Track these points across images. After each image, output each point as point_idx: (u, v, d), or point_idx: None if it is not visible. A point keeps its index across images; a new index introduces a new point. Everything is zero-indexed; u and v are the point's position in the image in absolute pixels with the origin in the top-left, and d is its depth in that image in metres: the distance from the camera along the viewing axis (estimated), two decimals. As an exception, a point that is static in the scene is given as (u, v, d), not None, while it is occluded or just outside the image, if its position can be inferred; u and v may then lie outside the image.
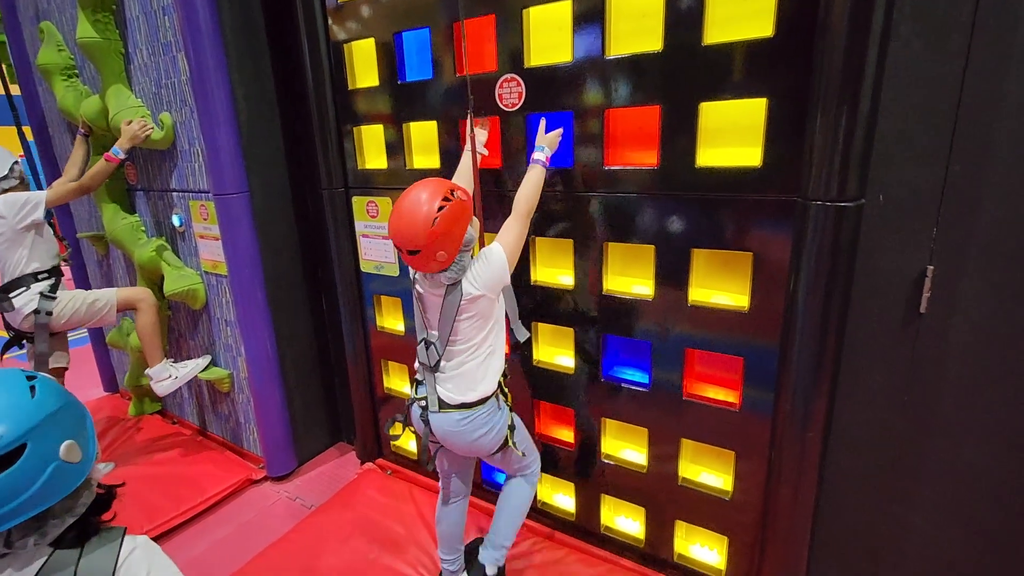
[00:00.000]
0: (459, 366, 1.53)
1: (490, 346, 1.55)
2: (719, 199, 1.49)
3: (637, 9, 1.53)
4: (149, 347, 2.55)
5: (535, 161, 1.58)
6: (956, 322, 1.32)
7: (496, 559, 1.75)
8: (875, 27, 1.18)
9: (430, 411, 1.57)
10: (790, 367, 1.45)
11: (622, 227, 1.67)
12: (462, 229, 1.41)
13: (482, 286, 1.45)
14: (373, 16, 1.99)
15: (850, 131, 1.24)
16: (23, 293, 2.28)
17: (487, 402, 1.55)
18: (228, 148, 2.22)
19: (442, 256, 1.39)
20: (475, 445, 1.58)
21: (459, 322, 1.48)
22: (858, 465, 1.52)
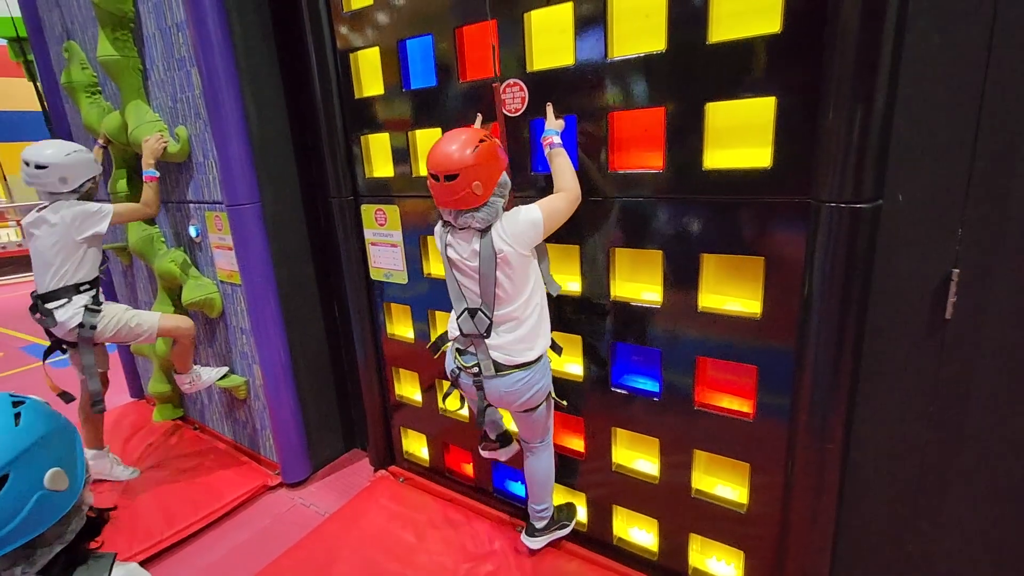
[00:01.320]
0: (515, 327, 1.55)
1: (538, 303, 1.58)
2: (728, 202, 1.43)
3: (639, 9, 1.49)
4: (180, 361, 2.60)
5: (556, 146, 1.57)
6: (985, 328, 1.24)
7: (541, 517, 1.87)
8: (889, 19, 1.12)
9: (484, 376, 1.59)
10: (806, 376, 1.38)
11: (629, 232, 1.62)
12: (497, 170, 1.48)
13: (511, 239, 1.48)
14: (378, 25, 2.00)
15: (865, 129, 1.18)
16: (66, 306, 2.24)
17: (542, 359, 1.60)
18: (240, 160, 2.26)
19: (478, 188, 1.43)
20: (527, 401, 1.63)
21: (500, 281, 1.51)
22: (882, 479, 1.44)
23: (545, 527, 1.88)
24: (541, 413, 1.70)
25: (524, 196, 1.75)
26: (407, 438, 2.59)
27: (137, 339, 2.42)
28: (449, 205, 1.48)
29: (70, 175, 2.23)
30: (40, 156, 2.19)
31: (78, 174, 2.26)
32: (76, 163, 2.25)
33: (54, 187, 2.21)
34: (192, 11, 2.10)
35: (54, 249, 2.21)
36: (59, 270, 2.23)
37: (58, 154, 2.21)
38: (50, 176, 2.19)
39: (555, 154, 1.56)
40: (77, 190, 2.28)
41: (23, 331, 5.38)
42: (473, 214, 1.47)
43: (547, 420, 1.73)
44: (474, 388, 1.63)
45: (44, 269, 2.23)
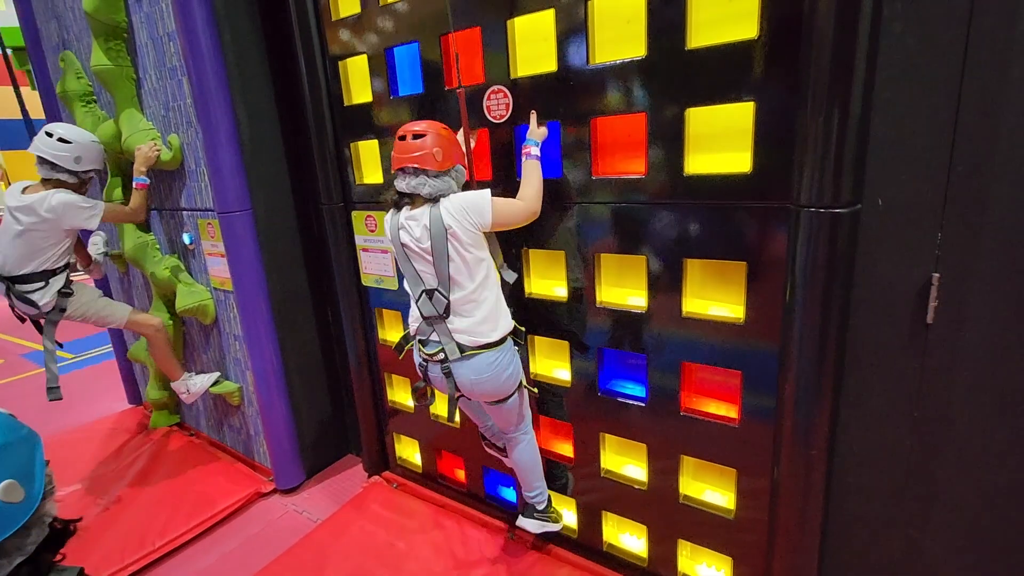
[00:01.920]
0: (472, 309, 1.56)
1: (494, 287, 1.60)
2: (710, 207, 1.43)
3: (620, 15, 1.50)
4: (165, 367, 2.69)
5: (532, 157, 1.59)
6: (966, 332, 1.23)
7: (536, 499, 1.86)
8: (863, 24, 1.12)
9: (451, 361, 1.59)
10: (789, 381, 1.38)
11: (613, 237, 1.62)
12: (456, 153, 1.57)
13: (457, 212, 1.51)
14: (366, 32, 2.01)
15: (842, 134, 1.18)
16: (43, 290, 2.30)
17: (507, 340, 1.61)
18: (230, 168, 2.27)
19: (438, 154, 1.51)
20: (503, 386, 1.62)
21: (452, 258, 1.53)
22: (867, 485, 1.43)
23: (544, 511, 1.86)
24: (514, 403, 1.69)
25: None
26: (400, 444, 2.59)
27: (106, 325, 2.58)
28: (408, 162, 1.53)
29: (85, 157, 2.31)
30: (69, 131, 2.30)
31: (91, 160, 2.35)
32: (94, 151, 2.36)
33: (66, 162, 2.26)
34: (182, 21, 2.12)
35: (43, 239, 2.25)
36: (41, 257, 2.28)
37: (85, 136, 2.34)
38: (69, 152, 2.26)
39: (529, 165, 1.59)
40: (79, 175, 2.32)
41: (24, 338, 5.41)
42: (426, 179, 1.52)
43: (521, 408, 1.73)
44: (443, 377, 1.62)
45: (24, 255, 2.24)
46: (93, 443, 3.17)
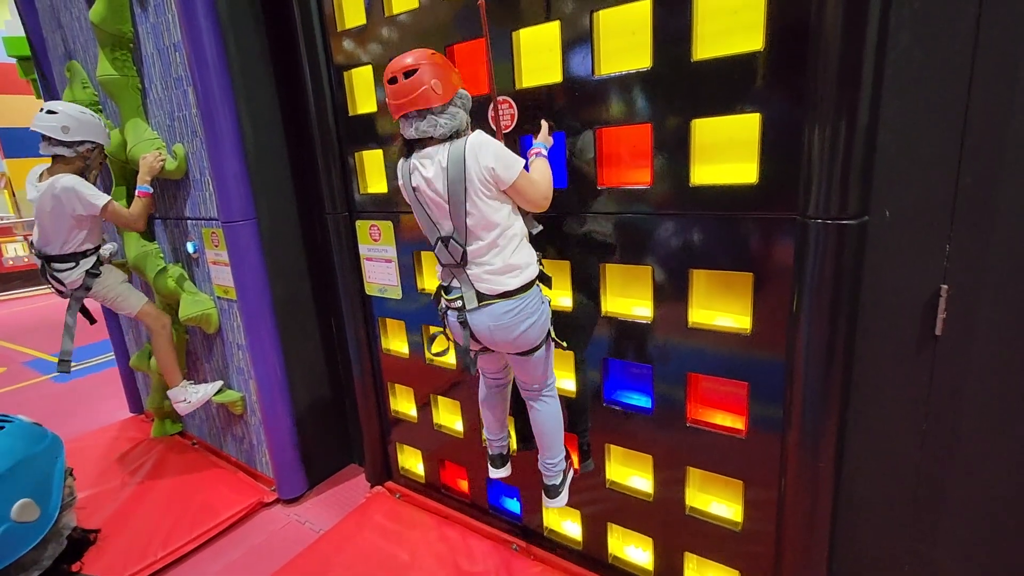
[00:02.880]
0: (492, 255, 1.46)
1: (517, 233, 1.50)
2: (716, 218, 1.43)
3: (626, 26, 1.50)
4: (166, 369, 2.70)
5: (539, 155, 1.54)
6: (976, 345, 1.22)
7: (554, 473, 1.76)
8: (870, 34, 1.12)
9: (468, 310, 1.50)
10: (796, 392, 1.37)
11: (619, 247, 1.62)
12: (457, 78, 1.46)
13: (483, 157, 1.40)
14: (372, 43, 2.02)
15: (849, 145, 1.18)
16: (72, 269, 2.43)
17: (531, 288, 1.50)
18: (235, 177, 2.28)
19: (437, 87, 1.39)
20: (521, 339, 1.51)
21: (470, 209, 1.42)
22: (876, 498, 1.42)
23: (562, 481, 1.77)
24: (539, 356, 1.58)
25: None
26: (403, 454, 2.57)
27: (120, 310, 2.63)
28: (408, 106, 1.41)
29: (74, 128, 2.30)
30: (57, 105, 2.29)
31: (80, 131, 2.31)
32: (84, 121, 2.33)
33: (54, 132, 2.26)
34: (188, 32, 2.13)
35: (61, 224, 2.33)
36: (67, 240, 2.37)
37: (72, 108, 2.33)
38: (56, 122, 2.27)
39: (539, 162, 1.53)
40: (75, 148, 2.31)
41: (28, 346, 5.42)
42: (435, 120, 1.41)
43: (547, 363, 1.64)
44: (459, 326, 1.54)
45: (53, 236, 2.36)
46: (95, 452, 3.16)
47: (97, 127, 2.38)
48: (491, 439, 1.91)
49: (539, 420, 1.73)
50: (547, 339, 1.59)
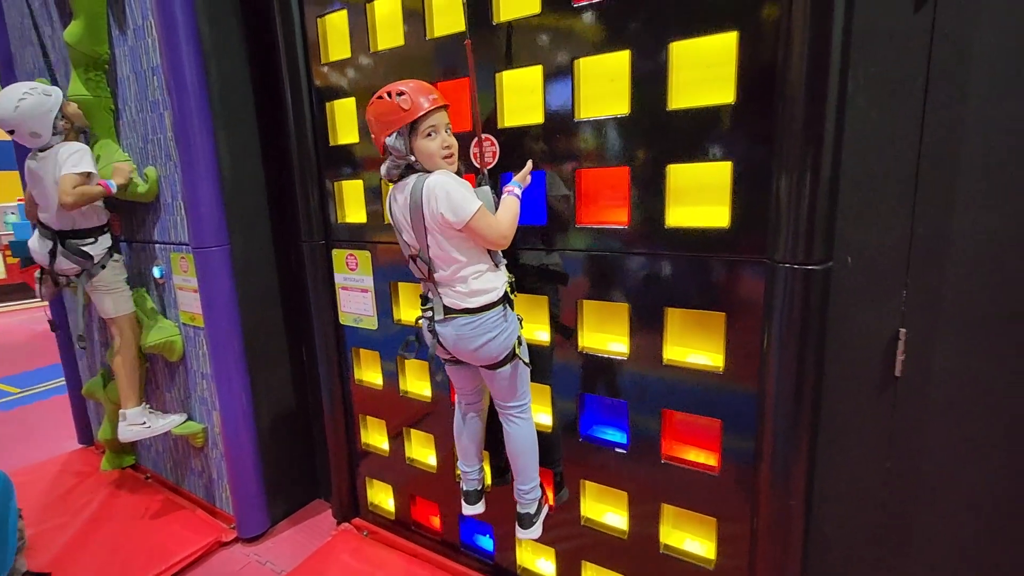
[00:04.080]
0: (456, 282, 1.55)
1: (479, 265, 1.56)
2: (690, 259, 1.48)
3: (605, 73, 1.57)
4: (128, 386, 2.56)
5: (511, 193, 1.59)
6: (933, 385, 1.29)
7: (528, 501, 1.76)
8: (831, 97, 1.21)
9: (435, 320, 1.59)
10: (768, 430, 1.40)
11: (596, 284, 1.66)
12: (380, 130, 1.51)
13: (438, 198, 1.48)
14: (355, 76, 2.05)
15: (813, 196, 1.25)
16: (94, 244, 2.43)
17: (493, 308, 1.56)
18: (209, 202, 2.24)
19: (377, 141, 1.54)
20: (483, 351, 1.57)
21: (431, 237, 1.53)
22: (845, 535, 1.46)
23: (537, 511, 1.76)
24: (505, 372, 1.63)
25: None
26: (372, 488, 2.50)
27: (103, 308, 2.52)
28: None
29: (38, 128, 2.25)
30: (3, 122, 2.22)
31: (42, 121, 2.25)
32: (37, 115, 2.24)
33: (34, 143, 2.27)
34: (168, 57, 2.12)
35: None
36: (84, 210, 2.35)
37: (19, 114, 2.20)
38: (22, 135, 2.24)
39: (509, 199, 1.58)
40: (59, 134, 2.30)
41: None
42: (385, 163, 1.58)
43: (515, 381, 1.66)
44: (430, 334, 1.63)
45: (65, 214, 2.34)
46: (38, 487, 2.95)
47: (43, 101, 2.26)
48: (465, 471, 1.88)
49: (511, 441, 1.73)
50: (514, 359, 1.62)
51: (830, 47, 1.19)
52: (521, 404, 1.70)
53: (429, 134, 1.50)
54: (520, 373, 1.66)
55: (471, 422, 1.83)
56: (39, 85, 2.32)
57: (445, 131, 1.54)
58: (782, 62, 1.24)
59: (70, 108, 2.37)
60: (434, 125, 1.51)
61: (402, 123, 1.48)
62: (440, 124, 1.52)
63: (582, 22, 1.53)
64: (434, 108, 1.49)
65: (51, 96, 2.29)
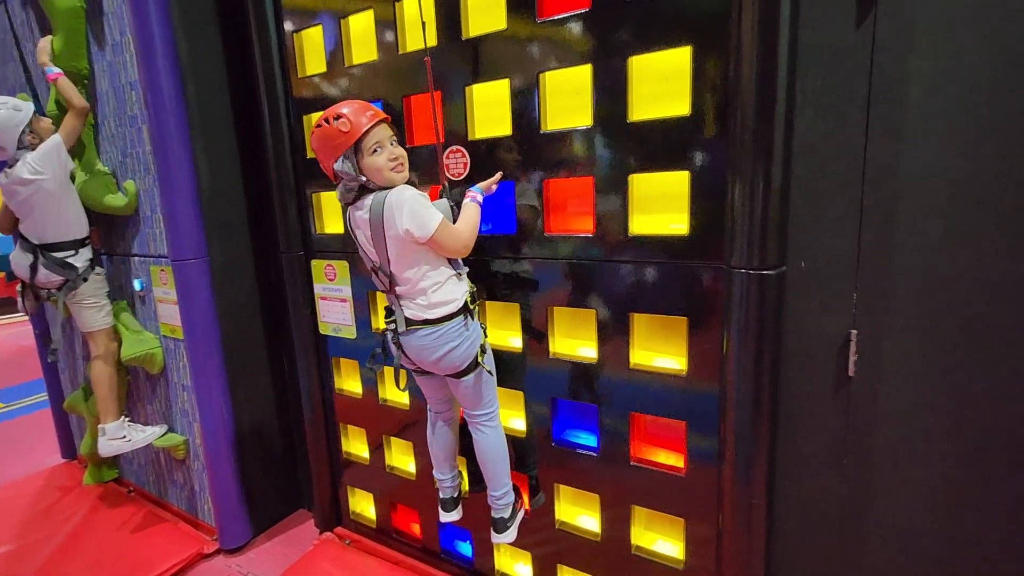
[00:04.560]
0: (416, 294, 1.58)
1: (440, 276, 1.59)
2: (653, 265, 1.53)
3: (570, 87, 1.62)
4: (103, 399, 2.55)
5: (474, 200, 1.63)
6: (884, 385, 1.34)
7: (501, 507, 1.78)
8: (779, 109, 1.26)
9: (399, 332, 1.62)
10: (729, 430, 1.44)
11: (564, 291, 1.70)
12: (327, 158, 1.54)
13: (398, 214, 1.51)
14: (331, 90, 2.09)
15: (765, 204, 1.30)
16: (76, 256, 2.43)
17: (453, 319, 1.59)
18: (186, 215, 2.26)
19: (327, 169, 1.57)
20: (445, 360, 1.60)
21: (392, 251, 1.56)
22: (807, 532, 1.49)
23: (511, 516, 1.78)
24: (469, 381, 1.65)
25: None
26: (354, 497, 2.51)
27: (82, 320, 2.52)
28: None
29: (2, 141, 2.28)
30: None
31: (7, 137, 2.27)
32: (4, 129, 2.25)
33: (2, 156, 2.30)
34: (145, 72, 2.15)
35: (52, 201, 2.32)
36: (59, 220, 2.37)
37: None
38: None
39: (470, 207, 1.62)
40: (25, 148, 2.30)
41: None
42: (339, 187, 1.60)
43: (480, 390, 1.69)
44: (394, 346, 1.66)
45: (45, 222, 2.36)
46: (20, 503, 2.94)
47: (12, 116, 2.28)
48: (441, 479, 1.90)
49: (480, 449, 1.76)
50: (477, 367, 1.64)
51: (777, 62, 1.24)
52: (488, 412, 1.73)
53: (375, 150, 1.52)
54: (485, 382, 1.68)
55: (441, 430, 1.86)
56: (9, 100, 2.34)
57: (391, 144, 1.56)
58: (733, 76, 1.30)
59: (42, 124, 2.37)
60: (378, 141, 1.52)
61: (346, 146, 1.50)
62: (384, 138, 1.54)
63: (547, 37, 1.58)
64: (374, 124, 1.51)
65: (21, 111, 2.31)
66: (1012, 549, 1.26)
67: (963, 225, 1.21)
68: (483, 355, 1.65)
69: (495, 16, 1.66)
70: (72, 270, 2.42)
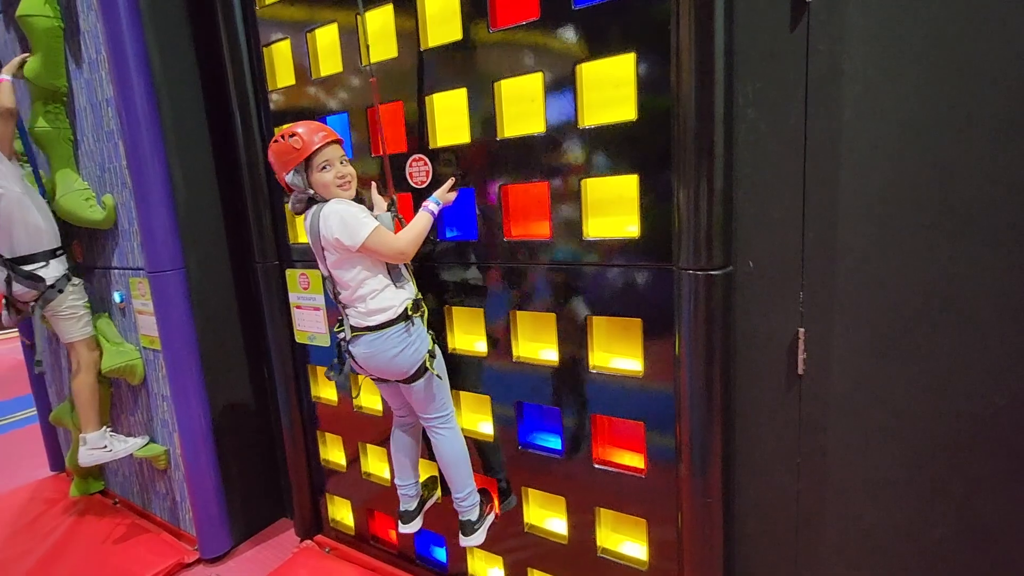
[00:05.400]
0: (356, 301, 1.64)
1: (376, 284, 1.64)
2: (607, 268, 1.54)
3: (524, 95, 1.65)
4: (83, 408, 2.58)
5: (426, 209, 1.68)
6: (832, 382, 1.35)
7: (466, 509, 1.79)
8: (718, 111, 1.28)
9: (347, 340, 1.69)
10: (684, 429, 1.46)
11: (524, 296, 1.71)
12: (280, 169, 1.62)
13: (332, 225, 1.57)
14: (300, 102, 2.12)
15: (709, 205, 1.32)
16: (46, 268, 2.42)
17: (394, 325, 1.63)
18: (162, 227, 2.29)
19: (282, 181, 1.64)
20: (392, 365, 1.64)
21: (329, 260, 1.63)
22: (766, 531, 1.50)
23: (478, 518, 1.79)
24: (419, 386, 1.68)
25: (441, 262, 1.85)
26: (333, 505, 2.52)
27: (63, 331, 2.55)
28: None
29: None
30: None
31: None
32: None
33: None
34: (119, 89, 2.19)
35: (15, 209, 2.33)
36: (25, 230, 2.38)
37: None
38: None
39: (422, 216, 1.66)
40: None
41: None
42: (290, 198, 1.67)
43: (432, 394, 1.71)
44: (347, 354, 1.71)
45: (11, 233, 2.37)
46: (6, 515, 2.96)
47: None
48: (400, 485, 1.90)
49: (439, 453, 1.78)
50: (426, 372, 1.67)
51: (714, 65, 1.27)
52: (442, 415, 1.75)
53: (324, 167, 1.61)
54: (436, 386, 1.71)
55: (402, 436, 1.88)
56: None
57: (340, 162, 1.64)
58: (674, 80, 1.32)
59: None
60: (328, 159, 1.61)
61: (297, 161, 1.59)
62: (334, 157, 1.63)
63: (500, 45, 1.61)
64: (325, 144, 1.60)
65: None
66: (958, 541, 1.27)
67: (901, 222, 1.22)
68: (432, 360, 1.68)
69: (452, 27, 1.69)
70: (40, 282, 2.42)
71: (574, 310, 1.62)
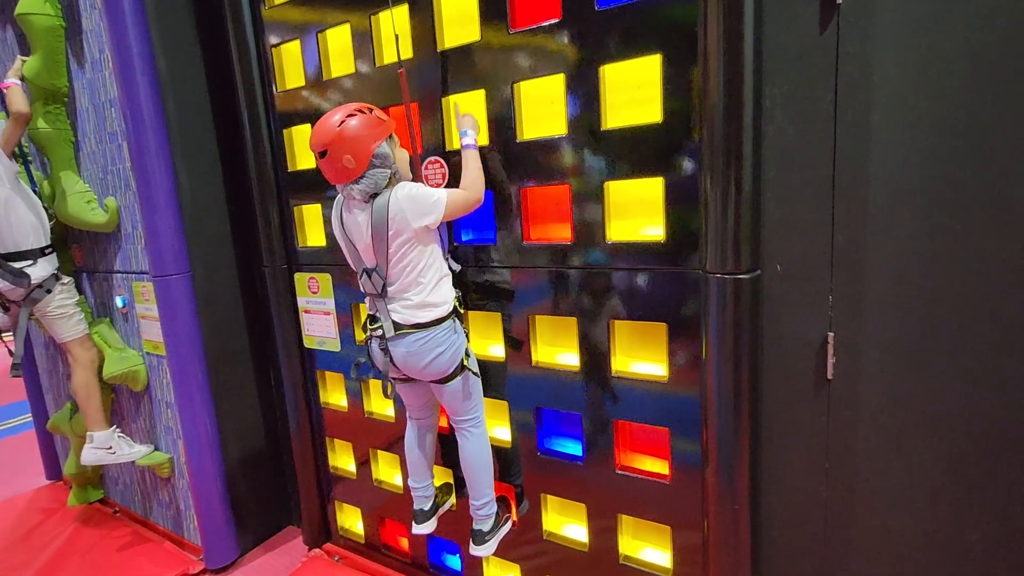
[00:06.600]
0: (408, 289, 1.57)
1: (436, 272, 1.60)
2: (631, 272, 1.53)
3: (544, 96, 1.63)
4: (86, 407, 2.52)
5: (466, 147, 1.63)
6: (863, 386, 1.33)
7: (481, 517, 1.76)
8: (747, 114, 1.27)
9: (387, 338, 1.59)
10: (711, 435, 1.44)
11: (545, 300, 1.69)
12: (371, 139, 1.50)
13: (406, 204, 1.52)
14: (310, 103, 2.09)
15: (737, 208, 1.31)
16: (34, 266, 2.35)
17: (443, 323, 1.59)
18: (168, 231, 2.25)
19: (349, 162, 1.48)
20: (433, 366, 1.59)
21: (392, 243, 1.54)
22: (793, 537, 1.48)
23: (492, 528, 1.76)
24: (456, 385, 1.65)
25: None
26: (342, 512, 2.48)
27: (56, 331, 2.48)
28: (330, 180, 1.56)
29: None
30: None
31: None
32: None
33: None
34: (124, 89, 2.15)
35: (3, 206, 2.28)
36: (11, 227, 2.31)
37: None
38: None
39: (467, 154, 1.62)
40: None
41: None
42: (352, 187, 1.53)
43: (469, 392, 1.68)
44: (381, 353, 1.63)
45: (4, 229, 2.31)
46: (1, 525, 2.89)
47: None
48: (414, 487, 1.87)
49: (465, 455, 1.74)
50: (463, 371, 1.64)
51: (743, 67, 1.25)
52: (474, 416, 1.72)
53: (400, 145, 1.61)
54: (471, 385, 1.68)
55: (422, 438, 1.84)
56: None
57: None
58: (701, 83, 1.31)
59: None
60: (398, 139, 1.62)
61: (389, 131, 1.57)
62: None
63: (519, 47, 1.58)
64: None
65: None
66: (992, 547, 1.26)
67: (932, 225, 1.21)
68: (468, 358, 1.66)
69: (469, 28, 1.67)
70: (25, 278, 2.34)
71: (596, 314, 1.60)
